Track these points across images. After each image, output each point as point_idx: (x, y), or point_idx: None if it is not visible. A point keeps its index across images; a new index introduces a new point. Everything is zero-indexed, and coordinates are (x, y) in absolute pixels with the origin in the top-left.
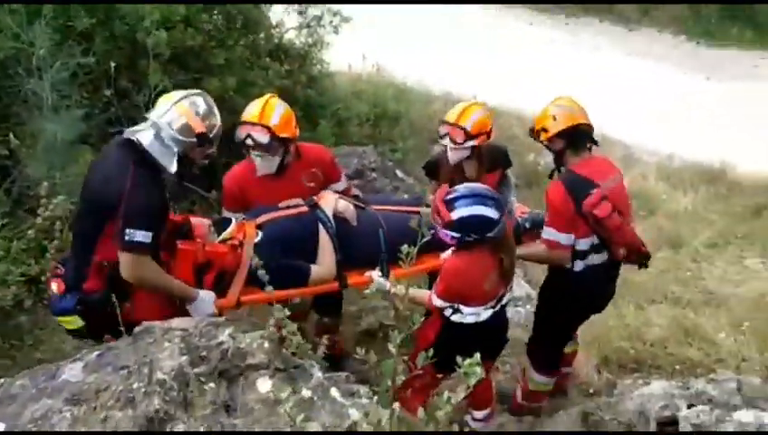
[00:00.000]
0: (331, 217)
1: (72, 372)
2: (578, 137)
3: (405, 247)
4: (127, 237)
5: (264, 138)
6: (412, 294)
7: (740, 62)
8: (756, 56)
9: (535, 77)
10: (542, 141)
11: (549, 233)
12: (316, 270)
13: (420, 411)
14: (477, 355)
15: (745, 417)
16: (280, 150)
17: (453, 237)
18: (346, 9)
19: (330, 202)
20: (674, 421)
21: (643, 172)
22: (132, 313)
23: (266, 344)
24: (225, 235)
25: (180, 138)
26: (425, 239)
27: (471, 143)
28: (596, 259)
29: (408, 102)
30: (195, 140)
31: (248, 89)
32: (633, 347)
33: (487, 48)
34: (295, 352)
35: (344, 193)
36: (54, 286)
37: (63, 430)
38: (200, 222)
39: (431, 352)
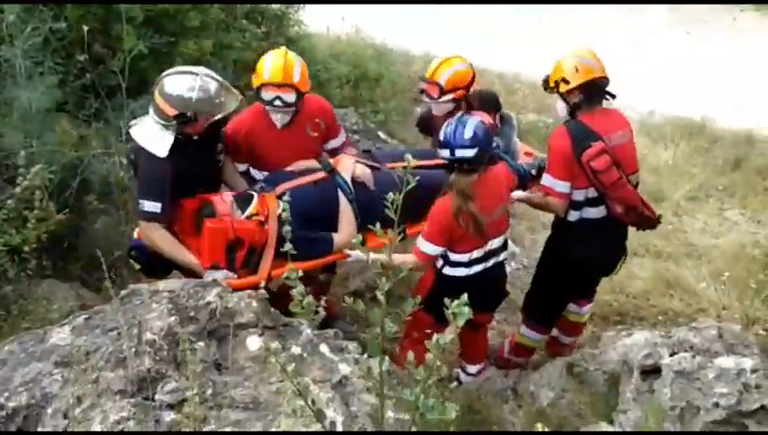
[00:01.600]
0: (350, 183)
1: (60, 335)
2: (595, 90)
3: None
4: (138, 207)
5: (291, 97)
6: (395, 259)
7: (719, 17)
8: (735, 9)
9: (516, 36)
10: (558, 92)
11: (546, 179)
12: (338, 239)
13: (409, 355)
14: (465, 296)
15: (726, 363)
16: (299, 104)
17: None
18: None
19: (348, 167)
20: (657, 369)
21: None
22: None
23: (254, 303)
24: (249, 211)
25: (163, 123)
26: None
27: (447, 97)
28: (592, 213)
29: (389, 63)
30: (174, 121)
31: (225, 51)
32: (616, 300)
33: (465, 8)
34: (299, 311)
35: (343, 146)
36: (135, 234)
37: (54, 391)
38: (221, 199)
39: (418, 298)
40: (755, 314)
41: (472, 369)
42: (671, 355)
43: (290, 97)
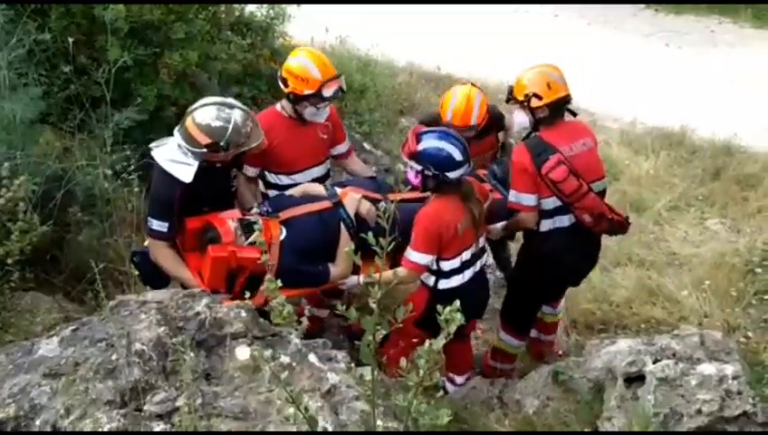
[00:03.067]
0: (353, 217)
1: (48, 347)
2: (560, 107)
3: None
4: (147, 224)
5: (344, 85)
6: (386, 275)
7: (697, 28)
8: (713, 21)
9: (496, 46)
10: (528, 106)
11: (512, 195)
12: (334, 271)
13: (402, 361)
14: (457, 302)
15: (708, 369)
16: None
17: (417, 173)
18: None
19: (353, 202)
20: (640, 376)
21: (606, 139)
22: None
23: (243, 313)
24: (253, 238)
25: (192, 150)
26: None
27: (474, 132)
28: (564, 221)
29: (373, 75)
30: (205, 150)
31: (210, 63)
32: (600, 308)
33: (448, 17)
34: (281, 323)
35: (348, 153)
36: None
37: (43, 402)
38: (226, 224)
39: (410, 306)
40: (736, 322)
41: (459, 380)
42: (654, 362)
43: (345, 85)
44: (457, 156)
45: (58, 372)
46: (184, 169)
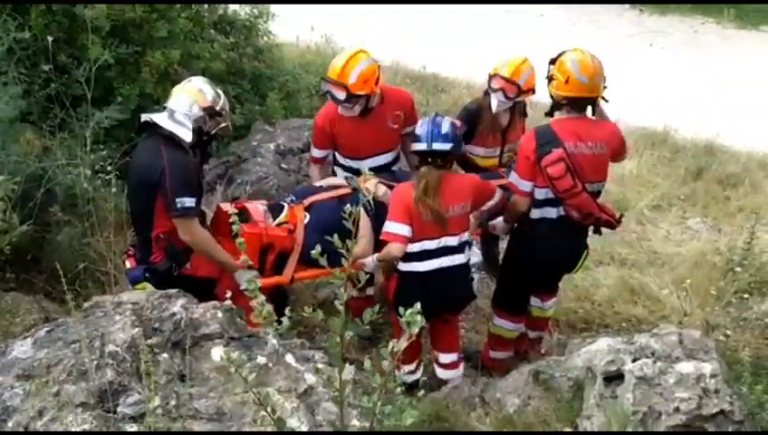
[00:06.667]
0: (371, 201)
1: (22, 348)
2: (580, 103)
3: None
4: (178, 205)
5: (341, 95)
6: (379, 255)
7: (681, 29)
8: (696, 22)
9: (481, 46)
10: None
11: (512, 176)
12: (355, 250)
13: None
14: (418, 305)
15: (686, 368)
16: (358, 103)
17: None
18: None
19: (371, 187)
20: (620, 375)
21: None
22: (193, 270)
23: (219, 314)
24: (280, 219)
25: (190, 113)
26: None
27: (520, 98)
28: (552, 212)
29: None
30: (203, 113)
31: (193, 61)
32: (582, 307)
33: (434, 17)
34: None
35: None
36: (128, 263)
37: (15, 405)
38: (255, 207)
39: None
40: (716, 320)
41: (444, 359)
42: (633, 361)
43: (339, 94)
44: (420, 130)
45: (31, 374)
46: (184, 130)
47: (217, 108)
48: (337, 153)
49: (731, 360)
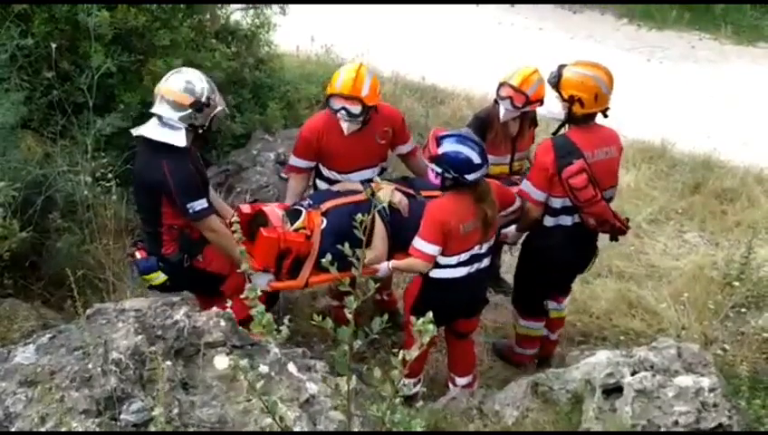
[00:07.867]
0: (386, 207)
1: (24, 354)
2: (596, 113)
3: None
4: (190, 210)
5: (357, 109)
6: (395, 264)
7: (678, 44)
8: (694, 37)
9: (481, 58)
10: (566, 105)
11: (526, 185)
12: (370, 255)
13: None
14: (430, 314)
15: (685, 381)
16: (366, 115)
17: (436, 174)
18: None
19: (387, 193)
20: (618, 388)
21: None
22: (205, 264)
23: (222, 322)
24: (297, 224)
25: (177, 115)
26: None
27: (528, 108)
28: (567, 220)
29: None
30: (190, 110)
31: None
32: (580, 320)
33: (434, 29)
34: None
35: (412, 154)
36: (138, 254)
37: (18, 411)
38: (273, 211)
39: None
40: (713, 334)
41: (461, 381)
42: (632, 374)
43: (355, 109)
44: (475, 159)
45: (34, 380)
46: (176, 134)
47: (203, 99)
48: (321, 165)
49: (728, 374)
